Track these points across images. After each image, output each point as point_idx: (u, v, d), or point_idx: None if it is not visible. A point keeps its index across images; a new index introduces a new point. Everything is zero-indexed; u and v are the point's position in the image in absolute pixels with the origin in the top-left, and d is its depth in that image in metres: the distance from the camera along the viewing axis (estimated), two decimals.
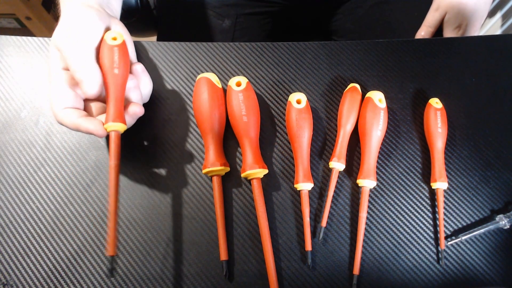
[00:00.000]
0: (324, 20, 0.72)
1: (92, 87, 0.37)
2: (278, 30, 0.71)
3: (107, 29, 0.41)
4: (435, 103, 0.46)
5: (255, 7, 0.67)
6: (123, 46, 0.40)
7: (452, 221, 0.44)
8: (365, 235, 0.42)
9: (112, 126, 0.37)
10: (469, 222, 0.44)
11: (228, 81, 0.46)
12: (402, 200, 0.44)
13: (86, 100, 0.40)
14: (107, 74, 0.38)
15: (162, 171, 0.44)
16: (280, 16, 0.70)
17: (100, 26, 0.39)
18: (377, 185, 0.44)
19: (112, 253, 0.35)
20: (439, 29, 0.61)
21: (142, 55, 0.49)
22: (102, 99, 0.40)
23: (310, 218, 0.43)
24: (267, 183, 0.44)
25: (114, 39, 0.40)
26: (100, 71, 0.38)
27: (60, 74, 0.38)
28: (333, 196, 0.43)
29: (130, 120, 0.40)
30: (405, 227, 0.43)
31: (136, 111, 0.39)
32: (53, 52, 0.39)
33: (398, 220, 0.43)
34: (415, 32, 0.63)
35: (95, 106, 0.40)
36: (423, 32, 0.62)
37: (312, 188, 0.43)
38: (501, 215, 0.43)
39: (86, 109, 0.40)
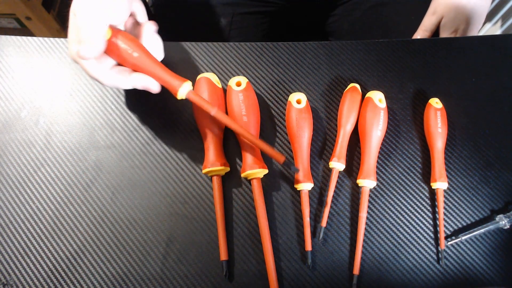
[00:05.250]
0: (321, 21, 0.72)
1: (92, 52, 0.36)
2: (274, 30, 0.71)
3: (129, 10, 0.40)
4: (435, 103, 0.46)
5: (252, 7, 0.67)
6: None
7: (452, 221, 0.44)
8: (365, 235, 0.42)
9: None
10: (469, 222, 0.44)
11: (228, 81, 0.46)
12: (402, 200, 0.44)
13: None
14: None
15: (162, 171, 0.44)
16: (276, 16, 0.70)
17: (123, 4, 0.39)
18: (377, 185, 0.44)
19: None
20: (436, 32, 0.61)
21: None
22: None
23: (310, 218, 0.43)
24: (267, 183, 0.44)
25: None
26: (105, 43, 0.37)
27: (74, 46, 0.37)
28: (333, 196, 0.43)
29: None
30: (405, 227, 0.43)
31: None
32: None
33: (398, 220, 0.43)
34: (412, 35, 0.62)
35: None
36: (420, 36, 0.61)
37: (312, 188, 0.43)
38: (501, 215, 0.43)
39: None
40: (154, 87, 0.40)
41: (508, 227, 0.42)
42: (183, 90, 0.38)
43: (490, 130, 0.47)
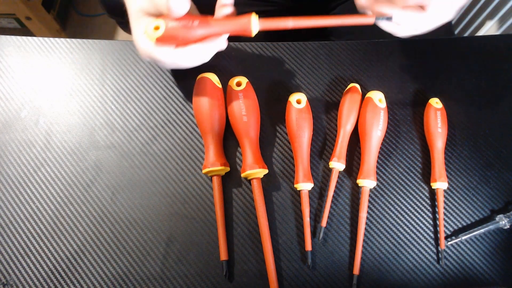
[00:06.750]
0: None
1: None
2: (274, 30, 0.71)
3: None
4: (435, 103, 0.46)
5: (252, 6, 0.67)
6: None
7: (452, 221, 0.44)
8: (365, 235, 0.42)
9: None
10: (469, 222, 0.44)
11: (228, 81, 0.46)
12: (402, 200, 0.44)
13: None
14: None
15: (162, 171, 0.44)
16: (276, 15, 0.70)
17: None
18: (377, 185, 0.44)
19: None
20: (434, 31, 0.60)
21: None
22: None
23: (310, 218, 0.43)
24: (267, 183, 0.44)
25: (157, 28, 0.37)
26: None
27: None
28: (333, 196, 0.43)
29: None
30: (405, 227, 0.43)
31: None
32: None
33: (398, 220, 0.43)
34: (412, 36, 0.61)
35: None
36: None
37: (312, 188, 0.43)
38: (501, 215, 0.43)
39: None
40: (223, 44, 0.41)
41: (508, 227, 0.42)
42: (254, 25, 0.40)
43: (490, 130, 0.47)
